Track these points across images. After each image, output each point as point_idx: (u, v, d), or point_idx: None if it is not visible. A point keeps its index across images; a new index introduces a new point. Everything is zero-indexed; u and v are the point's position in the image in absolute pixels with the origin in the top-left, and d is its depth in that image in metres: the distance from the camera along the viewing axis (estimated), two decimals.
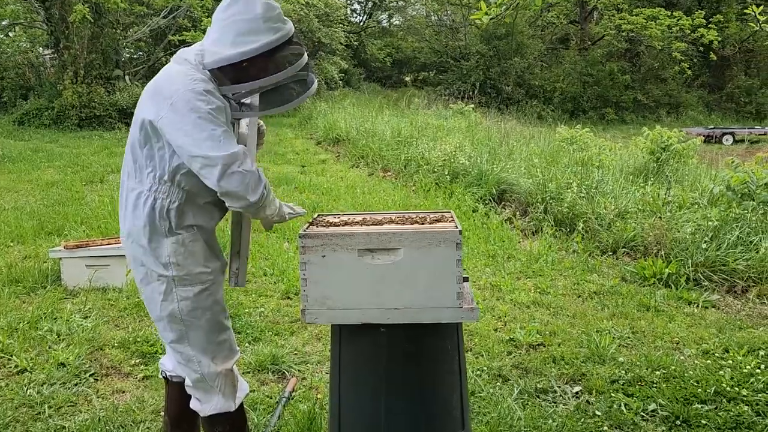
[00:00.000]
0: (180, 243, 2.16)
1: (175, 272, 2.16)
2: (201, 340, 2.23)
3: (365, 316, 2.12)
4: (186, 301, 2.19)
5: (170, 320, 2.21)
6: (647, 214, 6.12)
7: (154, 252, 2.16)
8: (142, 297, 2.27)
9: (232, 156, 2.01)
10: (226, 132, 2.03)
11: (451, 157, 8.86)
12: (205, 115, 2.02)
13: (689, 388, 3.25)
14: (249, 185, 2.04)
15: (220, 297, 2.27)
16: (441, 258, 2.08)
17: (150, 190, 2.15)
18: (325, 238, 2.10)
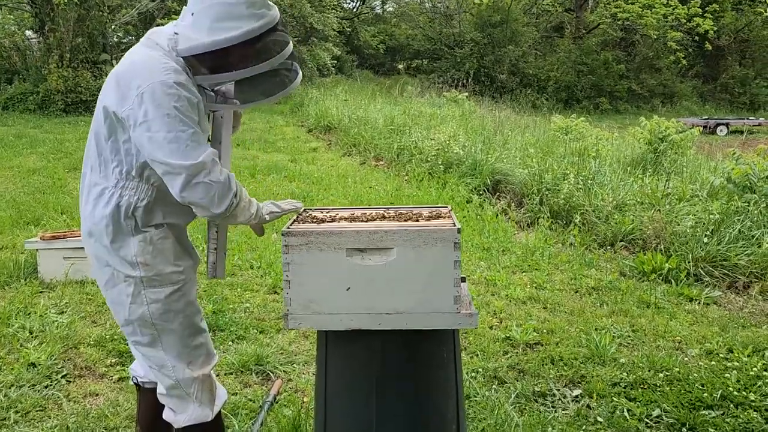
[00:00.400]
0: (148, 241, 1.98)
1: (144, 272, 1.98)
2: (175, 345, 2.05)
3: (354, 322, 1.94)
4: (157, 304, 2.00)
5: (140, 324, 2.02)
6: (646, 206, 5.97)
7: (118, 252, 1.97)
8: (108, 301, 2.07)
9: (197, 166, 1.84)
10: (194, 134, 1.85)
11: (445, 146, 8.67)
12: (173, 112, 1.83)
13: (694, 392, 3.10)
14: (214, 197, 1.87)
15: (193, 298, 2.10)
16: (437, 259, 1.90)
17: (116, 186, 1.96)
18: (310, 236, 1.91)
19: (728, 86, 28.09)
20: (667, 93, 27.39)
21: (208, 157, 1.86)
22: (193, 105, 1.88)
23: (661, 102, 26.80)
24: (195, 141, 1.85)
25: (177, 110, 1.83)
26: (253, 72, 1.91)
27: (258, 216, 2.05)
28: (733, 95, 27.82)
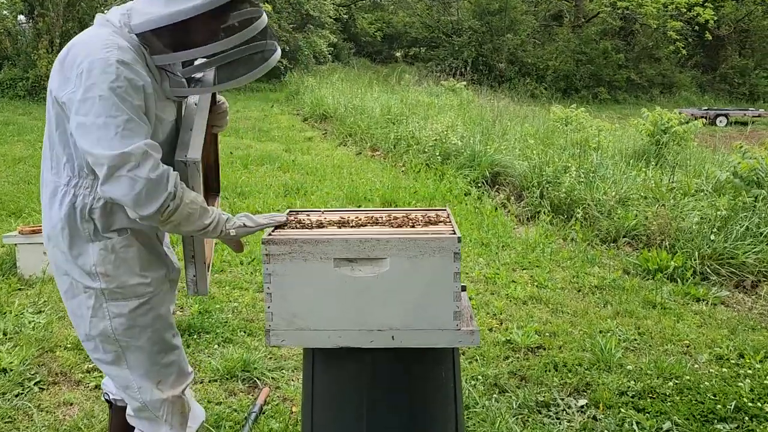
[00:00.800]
0: (109, 249, 1.77)
1: (104, 284, 1.78)
2: (142, 363, 1.85)
3: (343, 339, 1.75)
4: (120, 318, 1.81)
5: (103, 340, 1.83)
6: (650, 201, 5.78)
7: (76, 260, 1.78)
8: (68, 312, 1.88)
9: (121, 157, 1.58)
10: (129, 122, 1.61)
11: (443, 136, 8.47)
12: (107, 94, 1.59)
13: (707, 403, 2.93)
14: (140, 195, 1.60)
15: (164, 311, 1.89)
16: (435, 270, 1.71)
17: (68, 184, 1.75)
18: (293, 245, 1.72)
19: (728, 77, 27.86)
20: (666, 83, 27.16)
21: (139, 149, 1.59)
22: (137, 88, 1.64)
23: (660, 92, 26.58)
24: (128, 130, 1.60)
25: (113, 92, 1.60)
26: (217, 48, 1.68)
27: (218, 230, 1.77)
28: (733, 86, 27.60)
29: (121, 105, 1.60)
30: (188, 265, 1.94)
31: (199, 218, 1.72)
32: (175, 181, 1.65)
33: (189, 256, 1.93)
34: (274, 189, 7.09)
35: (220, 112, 2.08)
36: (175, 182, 1.65)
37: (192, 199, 1.70)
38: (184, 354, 1.98)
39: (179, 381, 1.93)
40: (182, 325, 3.50)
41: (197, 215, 1.72)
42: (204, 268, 1.97)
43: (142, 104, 1.66)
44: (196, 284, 1.93)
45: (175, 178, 1.66)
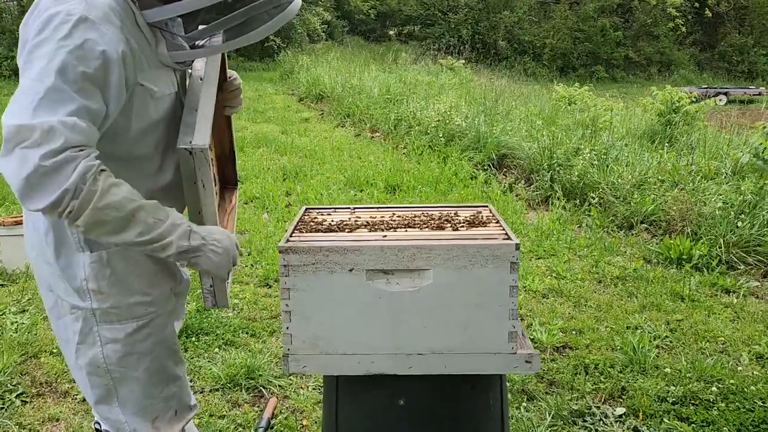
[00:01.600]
0: (103, 262, 1.47)
1: (96, 303, 1.48)
2: (136, 398, 1.56)
3: (376, 365, 1.47)
4: (114, 345, 1.51)
5: (91, 372, 1.53)
6: (667, 185, 5.51)
7: (64, 272, 1.48)
8: (55, 334, 1.59)
9: (18, 130, 1.21)
10: (56, 91, 1.24)
11: (446, 117, 8.14)
12: (50, 54, 1.26)
13: (756, 411, 2.68)
14: (27, 183, 1.21)
15: (167, 335, 1.59)
16: (488, 283, 1.43)
17: None
18: (318, 254, 1.43)
19: (726, 54, 27.51)
20: (665, 61, 26.80)
21: (45, 124, 1.22)
22: (93, 52, 1.28)
23: (658, 70, 26.23)
24: (50, 100, 1.24)
25: (57, 52, 1.26)
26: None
27: (168, 252, 1.36)
28: (731, 63, 27.27)
29: (59, 69, 1.25)
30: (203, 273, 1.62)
31: (124, 230, 1.31)
32: (83, 175, 1.25)
33: None
34: (273, 173, 6.78)
35: (232, 89, 1.74)
36: (84, 176, 1.25)
37: (114, 203, 1.29)
38: (188, 384, 1.69)
39: (180, 417, 1.64)
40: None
41: (119, 225, 1.31)
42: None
43: (99, 73, 1.29)
44: (214, 295, 1.58)
45: (89, 171, 1.25)
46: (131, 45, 1.36)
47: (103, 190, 1.27)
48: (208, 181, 1.47)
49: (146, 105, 1.43)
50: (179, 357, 1.65)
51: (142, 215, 1.33)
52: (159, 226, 1.35)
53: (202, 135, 1.46)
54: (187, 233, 1.38)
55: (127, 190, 1.32)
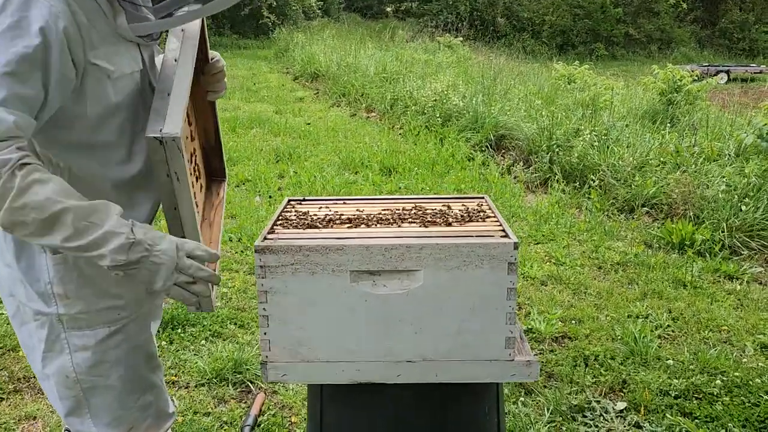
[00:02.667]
0: (69, 263, 1.34)
1: (63, 309, 1.36)
2: (109, 407, 1.44)
3: (362, 374, 1.35)
4: (83, 353, 1.39)
5: (59, 381, 1.41)
6: (669, 167, 5.37)
7: (25, 275, 1.35)
8: (20, 342, 1.46)
9: None
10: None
11: (443, 96, 7.97)
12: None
13: (762, 406, 2.58)
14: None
15: (143, 340, 1.47)
16: (483, 285, 1.31)
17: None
18: (297, 254, 1.30)
19: (727, 31, 27.18)
20: (665, 39, 26.48)
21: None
22: (31, 31, 1.13)
23: (658, 48, 25.93)
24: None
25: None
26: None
27: (97, 257, 1.19)
28: (732, 41, 26.95)
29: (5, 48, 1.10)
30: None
31: (48, 233, 1.16)
32: (26, 175, 1.12)
33: None
34: (265, 154, 6.62)
35: (215, 72, 1.56)
36: (5, 170, 1.11)
37: (34, 203, 1.13)
38: (165, 390, 1.56)
39: (156, 425, 1.52)
40: (164, 317, 3.09)
41: (41, 228, 1.15)
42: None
43: (38, 54, 1.14)
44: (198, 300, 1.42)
45: (4, 165, 1.12)
46: (78, 19, 1.20)
47: (20, 188, 1.12)
48: (182, 174, 1.31)
49: (103, 86, 1.28)
50: (156, 363, 1.53)
51: (68, 218, 1.16)
52: (90, 232, 1.18)
53: (174, 122, 1.30)
54: (125, 246, 1.19)
55: (53, 190, 1.16)
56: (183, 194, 1.33)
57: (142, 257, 1.20)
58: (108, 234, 1.18)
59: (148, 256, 1.21)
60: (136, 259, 1.20)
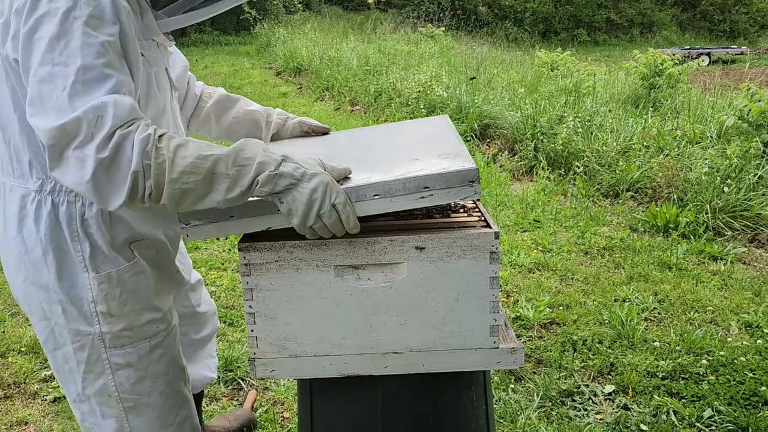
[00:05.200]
0: (113, 281, 1.33)
1: (107, 327, 1.35)
2: (151, 426, 1.45)
3: (349, 366, 1.37)
4: (126, 371, 1.39)
5: (102, 402, 1.40)
6: (652, 151, 5.42)
7: (67, 296, 1.32)
8: (51, 366, 1.44)
9: (62, 130, 1.07)
10: (86, 70, 1.10)
11: (426, 87, 7.98)
12: (57, 29, 1.10)
13: (747, 384, 2.63)
14: (97, 184, 1.09)
15: (177, 352, 1.48)
16: (466, 276, 1.32)
17: (41, 190, 1.28)
18: (281, 250, 1.31)
19: (708, 14, 27.35)
20: (646, 23, 26.60)
21: (90, 111, 1.08)
22: (109, 17, 1.15)
23: (640, 32, 26.05)
24: (83, 83, 1.09)
25: (71, 25, 1.10)
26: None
27: (249, 191, 1.16)
28: (713, 23, 27.12)
29: (81, 45, 1.10)
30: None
31: (211, 191, 1.15)
32: (143, 151, 1.10)
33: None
34: None
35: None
36: (146, 152, 1.10)
37: (188, 167, 1.12)
38: (194, 406, 1.58)
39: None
40: None
41: (204, 189, 1.14)
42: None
43: (119, 40, 1.16)
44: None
45: (147, 143, 1.10)
46: (128, 10, 1.21)
47: (170, 159, 1.11)
48: None
49: (150, 81, 1.31)
50: (187, 376, 1.54)
51: (221, 168, 1.15)
52: (245, 174, 1.16)
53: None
54: (272, 178, 1.16)
55: (195, 147, 1.14)
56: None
57: (286, 189, 1.18)
58: (259, 168, 1.16)
59: (292, 190, 1.17)
60: (280, 190, 1.18)
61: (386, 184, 1.26)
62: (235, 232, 1.31)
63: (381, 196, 1.26)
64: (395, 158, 1.43)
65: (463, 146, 1.45)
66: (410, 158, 1.38)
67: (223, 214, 1.27)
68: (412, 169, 1.29)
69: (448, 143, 1.49)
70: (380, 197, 1.26)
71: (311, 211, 1.18)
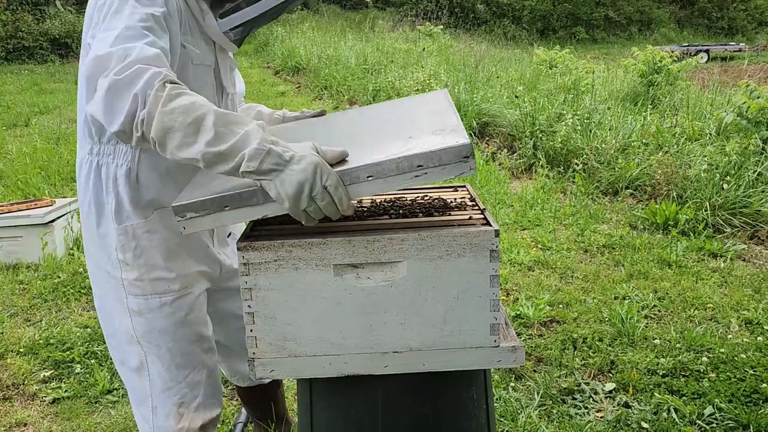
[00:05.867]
0: (129, 235, 1.50)
1: (126, 274, 1.53)
2: (162, 378, 1.58)
3: (349, 366, 1.36)
4: (139, 318, 1.55)
5: (126, 340, 1.58)
6: (652, 148, 5.42)
7: (102, 242, 1.53)
8: (95, 303, 1.65)
9: (97, 60, 1.22)
10: (129, 29, 1.27)
11: (425, 85, 7.97)
12: (120, 4, 1.31)
13: (747, 381, 2.62)
14: (106, 101, 1.20)
15: (194, 317, 1.58)
16: (466, 274, 1.31)
17: (91, 152, 1.50)
18: (280, 249, 1.30)
19: (706, 11, 27.36)
20: (644, 20, 26.60)
21: (121, 50, 1.22)
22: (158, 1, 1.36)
23: (639, 29, 26.05)
24: (126, 37, 1.26)
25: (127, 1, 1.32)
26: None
27: (230, 155, 1.16)
28: (711, 20, 27.13)
29: (129, 13, 1.30)
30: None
31: (193, 137, 1.16)
32: (150, 81, 1.18)
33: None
34: None
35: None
36: (152, 82, 1.18)
37: (181, 107, 1.16)
38: (220, 383, 1.67)
39: (204, 410, 1.62)
40: None
41: (188, 132, 1.16)
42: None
43: (164, 19, 1.35)
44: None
45: (157, 77, 1.18)
46: (181, 4, 1.42)
47: (169, 95, 1.18)
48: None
49: (186, 70, 1.45)
50: (208, 345, 1.63)
51: (209, 121, 1.16)
52: (230, 137, 1.16)
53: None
54: (260, 153, 1.15)
55: (198, 98, 1.21)
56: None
57: (273, 170, 1.16)
58: (247, 137, 1.16)
59: (280, 172, 1.16)
60: (267, 169, 1.16)
61: (379, 165, 1.23)
62: (231, 222, 1.30)
63: (374, 177, 1.24)
64: (390, 137, 1.41)
65: (458, 121, 1.40)
66: (405, 136, 1.36)
67: (217, 205, 1.27)
68: (406, 147, 1.27)
69: (443, 118, 1.46)
70: (374, 178, 1.24)
71: (302, 193, 1.17)
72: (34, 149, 6.27)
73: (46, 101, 9.31)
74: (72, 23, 13.43)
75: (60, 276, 3.66)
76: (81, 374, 2.71)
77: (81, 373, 2.72)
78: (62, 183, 5.52)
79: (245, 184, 1.26)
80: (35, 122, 7.94)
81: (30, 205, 4.01)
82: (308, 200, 1.18)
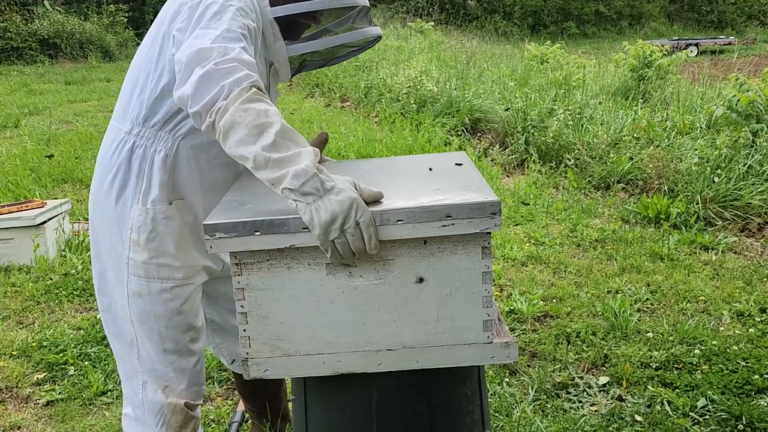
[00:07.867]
0: (148, 218, 1.55)
1: (133, 254, 1.56)
2: (150, 358, 1.63)
3: (343, 364, 1.36)
4: (137, 299, 1.59)
5: (121, 317, 1.63)
6: (643, 142, 5.44)
7: (118, 218, 1.56)
8: (93, 276, 1.68)
9: (199, 52, 1.30)
10: (229, 32, 1.37)
11: (417, 82, 7.97)
12: (221, 8, 1.41)
13: (740, 372, 2.64)
14: (199, 84, 1.27)
15: (189, 307, 1.63)
16: (459, 271, 1.32)
17: (130, 132, 1.55)
18: (272, 250, 1.30)
19: (696, 5, 27.47)
20: (635, 14, 26.68)
21: (222, 47, 1.30)
22: (251, 16, 1.47)
23: (629, 24, 26.13)
24: (227, 38, 1.35)
25: (227, 7, 1.41)
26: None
27: (280, 164, 1.20)
28: (701, 14, 27.25)
29: (230, 18, 1.39)
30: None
31: (254, 138, 1.20)
32: (239, 80, 1.25)
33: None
34: None
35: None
36: (241, 81, 1.25)
37: (255, 110, 1.22)
38: (204, 371, 1.72)
39: (188, 394, 1.66)
40: None
41: (251, 131, 1.21)
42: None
43: (252, 27, 1.45)
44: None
45: (247, 79, 1.26)
46: (260, 25, 1.52)
47: (251, 97, 1.24)
48: None
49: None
50: (197, 335, 1.67)
51: (273, 130, 1.21)
52: (286, 149, 1.21)
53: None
54: (305, 173, 1.18)
55: (273, 110, 1.26)
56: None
57: (312, 194, 1.18)
58: (299, 155, 1.20)
59: (318, 198, 1.18)
60: (307, 192, 1.19)
61: (411, 211, 1.25)
62: (256, 247, 1.28)
63: (404, 222, 1.25)
64: (418, 187, 1.43)
65: (483, 180, 1.44)
66: (433, 188, 1.38)
67: (248, 229, 1.27)
68: (436, 198, 1.29)
69: (468, 176, 1.50)
70: (404, 223, 1.25)
71: (335, 224, 1.18)
72: (24, 151, 6.23)
73: (36, 102, 9.27)
74: (61, 23, 13.35)
75: (52, 278, 3.65)
76: (75, 376, 2.70)
77: (75, 375, 2.71)
78: (53, 184, 5.50)
79: (278, 210, 1.28)
80: (25, 123, 7.89)
81: (21, 206, 3.99)
82: (339, 232, 1.19)
